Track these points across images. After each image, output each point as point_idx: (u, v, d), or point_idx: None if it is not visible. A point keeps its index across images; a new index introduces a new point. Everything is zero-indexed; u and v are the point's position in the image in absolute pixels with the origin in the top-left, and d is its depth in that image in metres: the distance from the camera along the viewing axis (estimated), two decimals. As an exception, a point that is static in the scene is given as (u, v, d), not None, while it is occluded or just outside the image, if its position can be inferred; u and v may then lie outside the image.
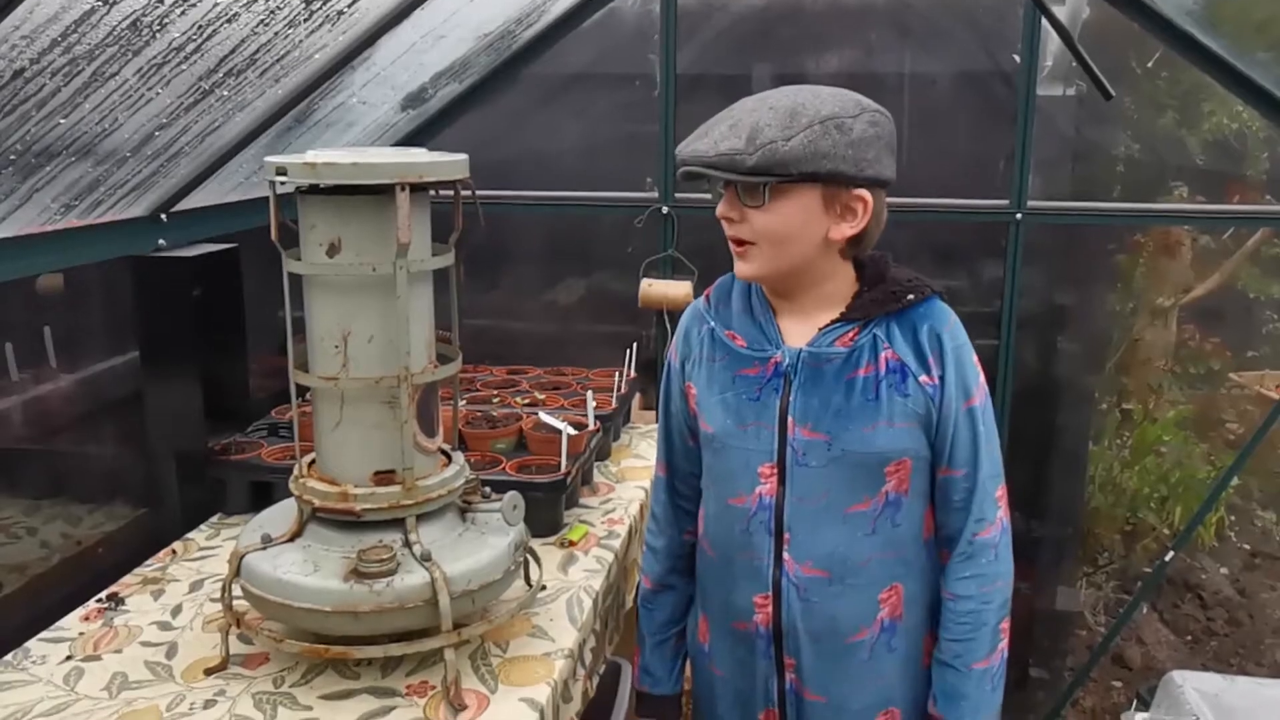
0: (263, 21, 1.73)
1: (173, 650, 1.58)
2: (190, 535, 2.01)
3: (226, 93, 1.89)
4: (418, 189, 1.40)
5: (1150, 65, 3.57)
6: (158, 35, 1.55)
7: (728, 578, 1.59)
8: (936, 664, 1.55)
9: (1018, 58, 2.73)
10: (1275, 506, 4.99)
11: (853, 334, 1.48)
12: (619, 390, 2.54)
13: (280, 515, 1.60)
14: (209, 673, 1.50)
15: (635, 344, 2.75)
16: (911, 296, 1.48)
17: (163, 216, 2.11)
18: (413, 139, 2.99)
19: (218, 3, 1.57)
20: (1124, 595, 4.22)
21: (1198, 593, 4.52)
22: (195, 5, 1.54)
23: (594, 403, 2.29)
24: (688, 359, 1.62)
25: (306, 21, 1.83)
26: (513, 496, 1.55)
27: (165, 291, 2.05)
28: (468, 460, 1.66)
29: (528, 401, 2.47)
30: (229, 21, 1.65)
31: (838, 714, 1.57)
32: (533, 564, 1.68)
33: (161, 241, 2.10)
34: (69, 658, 1.56)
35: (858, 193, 1.42)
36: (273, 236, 1.44)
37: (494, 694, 1.46)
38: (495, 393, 2.54)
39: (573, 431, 2.09)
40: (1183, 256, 4.63)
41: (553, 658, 1.57)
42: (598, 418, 2.29)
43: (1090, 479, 4.13)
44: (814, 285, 1.50)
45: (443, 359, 1.56)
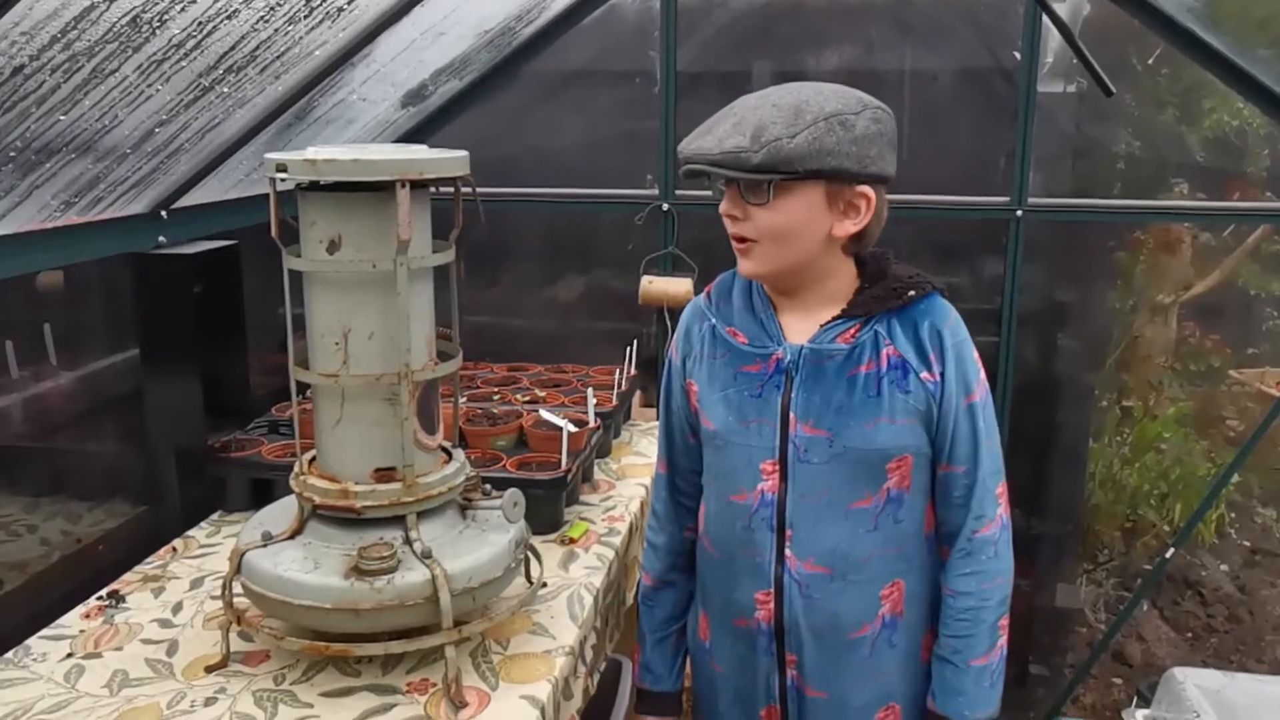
0: (263, 18, 1.72)
1: (173, 648, 1.58)
2: (191, 533, 2.01)
3: (226, 89, 1.89)
4: (418, 186, 1.40)
5: (1151, 62, 3.57)
6: (158, 32, 1.55)
7: (729, 575, 1.59)
8: (935, 660, 1.55)
9: (1018, 54, 2.73)
10: (1275, 503, 5.00)
11: (854, 330, 1.48)
12: (619, 387, 2.54)
13: (281, 512, 1.60)
14: (210, 670, 1.50)
15: (636, 341, 2.74)
16: (913, 293, 1.48)
17: (163, 213, 2.11)
18: (413, 136, 2.99)
19: (218, -1, 1.58)
20: (1124, 592, 4.23)
21: (1198, 590, 4.52)
22: (195, 2, 1.54)
23: (594, 400, 2.29)
24: (689, 356, 1.62)
25: (307, 18, 1.82)
26: (513, 494, 1.55)
27: (165, 289, 2.05)
28: (468, 457, 1.66)
29: (528, 399, 2.47)
30: (229, 18, 1.65)
31: (839, 710, 1.57)
32: (533, 561, 1.68)
33: (161, 239, 2.10)
34: (70, 655, 1.56)
35: (860, 189, 1.42)
36: (273, 233, 1.43)
37: (495, 691, 1.46)
38: (496, 390, 2.54)
39: (573, 429, 2.08)
40: (1183, 253, 4.63)
41: (553, 655, 1.57)
42: (598, 415, 2.28)
43: (1090, 476, 4.14)
44: (816, 282, 1.50)
45: (443, 356, 1.56)
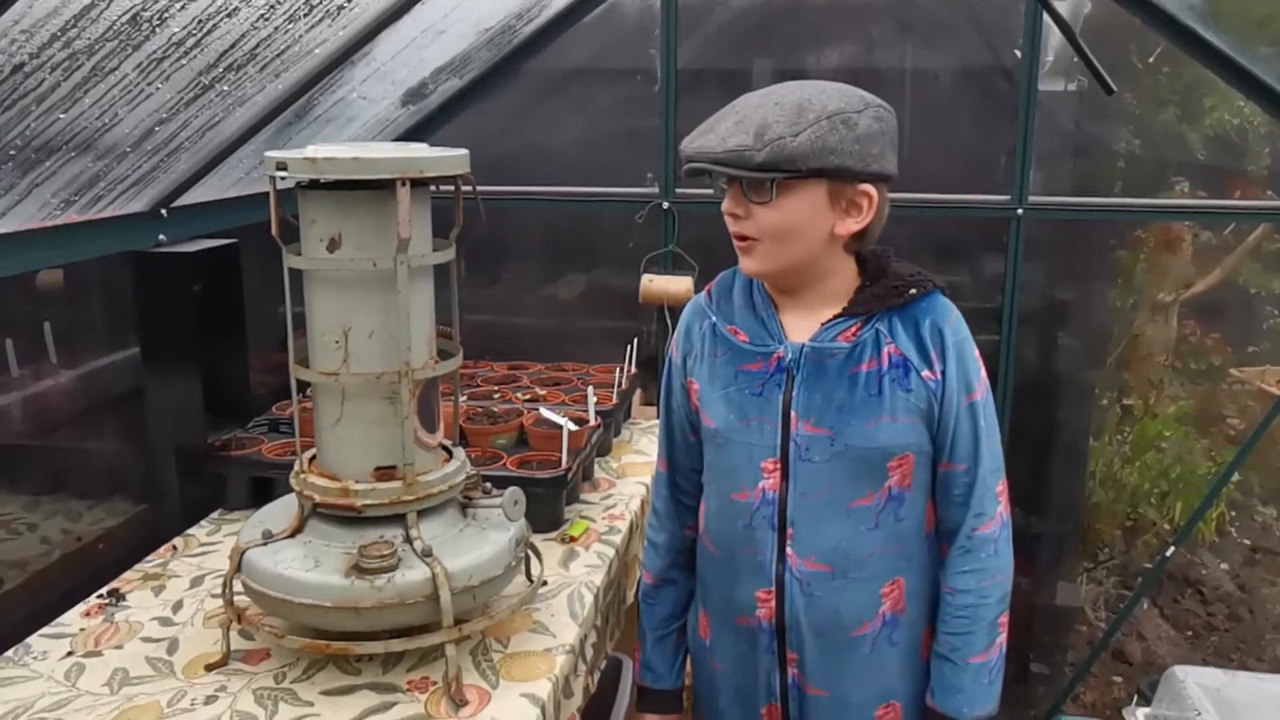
0: (263, 16, 1.72)
1: (174, 646, 1.58)
2: (191, 531, 2.01)
3: (226, 88, 1.88)
4: (418, 184, 1.40)
5: (1152, 60, 3.57)
6: (157, 30, 1.55)
7: (730, 573, 1.58)
8: (934, 657, 1.55)
9: (1019, 53, 2.73)
10: (1276, 502, 5.00)
11: (855, 329, 1.48)
12: (620, 386, 2.54)
13: (281, 511, 1.60)
14: (210, 668, 1.50)
15: (636, 339, 2.74)
16: (914, 291, 1.48)
17: (163, 212, 2.11)
18: (413, 134, 2.99)
19: (217, -3, 1.57)
20: (1124, 591, 4.23)
21: (1198, 588, 4.52)
22: (195, 0, 1.54)
23: (595, 398, 2.29)
24: (689, 354, 1.62)
25: (307, 16, 1.82)
26: (514, 492, 1.54)
27: (165, 287, 2.05)
28: (469, 456, 1.66)
29: (528, 397, 2.46)
30: (229, 16, 1.65)
31: (840, 708, 1.57)
32: (534, 559, 1.68)
33: (162, 237, 2.09)
34: (70, 653, 1.56)
35: (863, 188, 1.42)
36: (273, 232, 1.43)
37: (495, 689, 1.46)
38: (496, 388, 2.54)
39: (574, 427, 2.08)
40: (1183, 252, 4.63)
41: (554, 653, 1.57)
42: (599, 413, 2.28)
43: (1091, 474, 4.14)
44: (817, 281, 1.50)
45: (443, 354, 1.56)
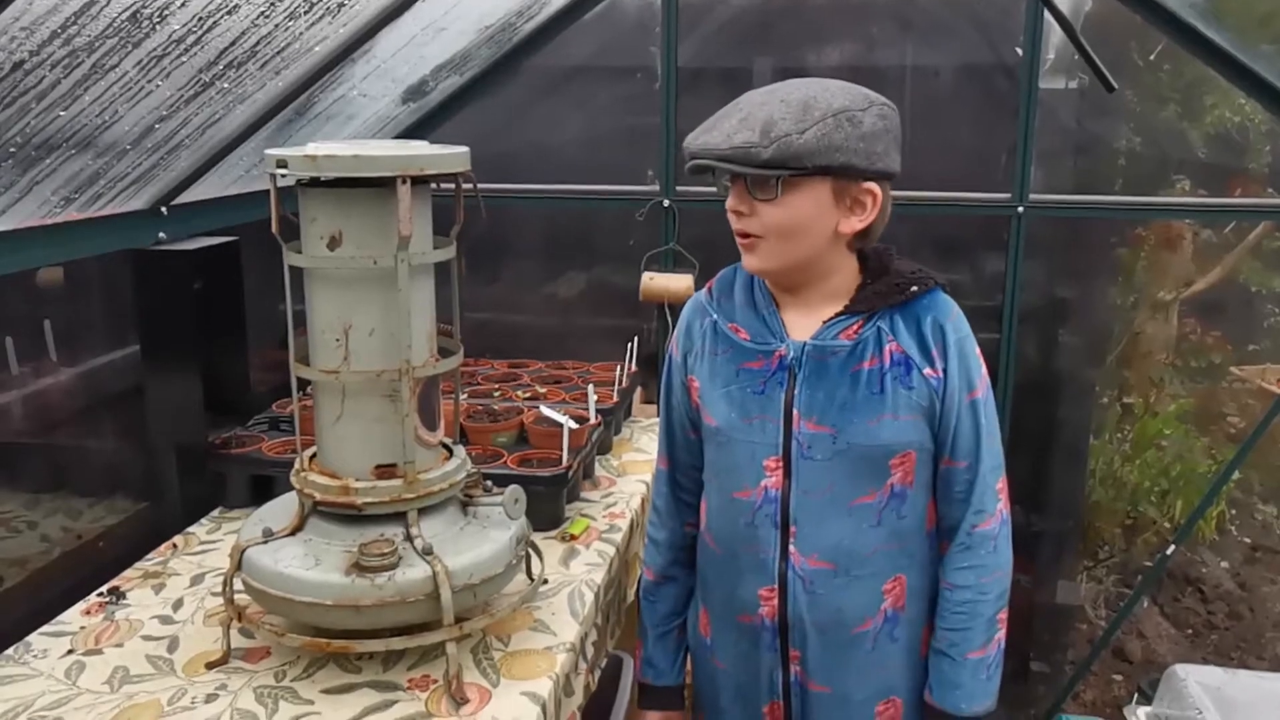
0: (263, 14, 1.72)
1: (174, 644, 1.58)
2: (191, 529, 2.01)
3: (227, 85, 1.88)
4: (419, 182, 1.40)
5: (1153, 58, 3.57)
6: (158, 27, 1.55)
7: (732, 571, 1.58)
8: (933, 653, 1.55)
9: (1020, 50, 2.73)
10: (1276, 500, 5.00)
11: (857, 327, 1.48)
12: (620, 384, 2.54)
13: (281, 509, 1.60)
14: (210, 667, 1.50)
15: (636, 338, 2.74)
16: (915, 288, 1.48)
17: (163, 209, 2.10)
18: (413, 132, 2.98)
19: (217, -6, 1.57)
20: (1125, 589, 4.23)
21: (1198, 586, 4.53)
22: (195, -3, 1.54)
23: (595, 396, 2.29)
24: (690, 352, 1.61)
25: (307, 14, 1.82)
26: (514, 490, 1.54)
27: (165, 285, 2.04)
28: (469, 454, 1.66)
29: (529, 395, 2.46)
30: (229, 13, 1.64)
31: (842, 704, 1.57)
32: (534, 558, 1.68)
33: (162, 235, 2.09)
34: (70, 652, 1.56)
35: (867, 186, 1.42)
36: (273, 229, 1.43)
37: (496, 688, 1.46)
38: (496, 386, 2.54)
39: (574, 425, 2.08)
40: (1184, 250, 4.63)
41: (554, 651, 1.57)
42: (599, 411, 2.28)
43: (1091, 473, 4.14)
44: (820, 278, 1.50)
45: (444, 352, 1.56)
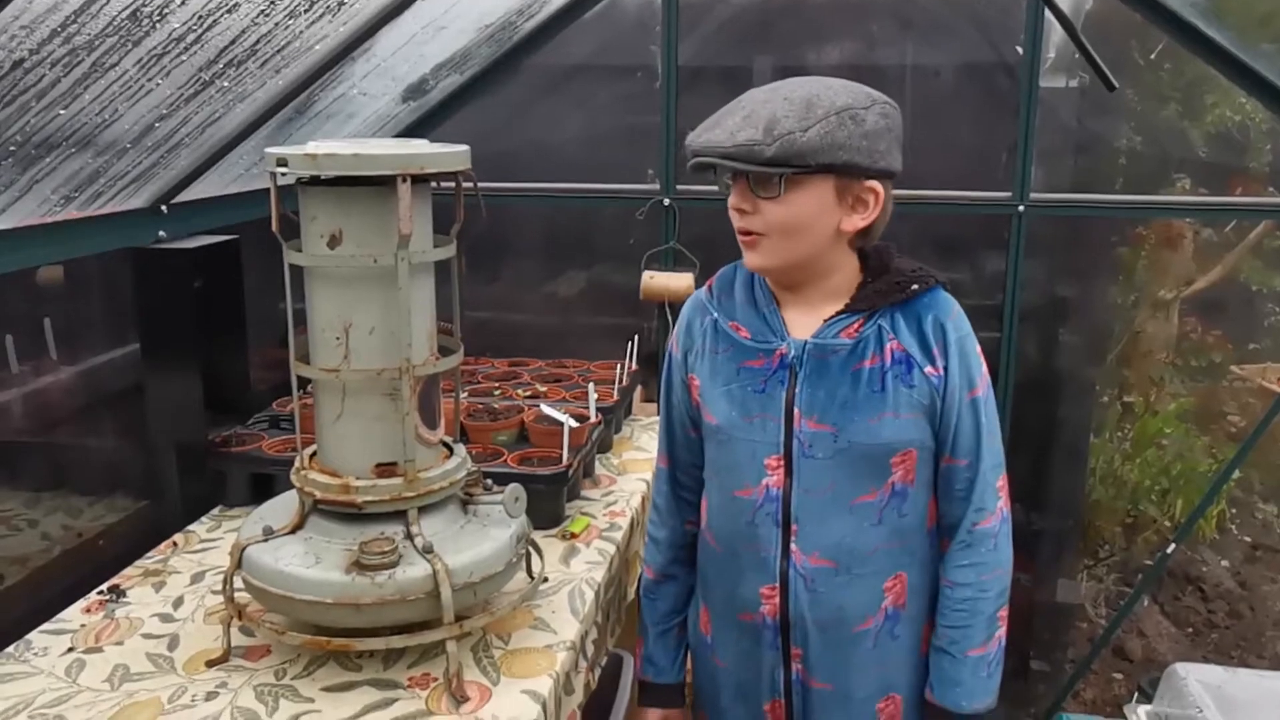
0: (263, 12, 1.72)
1: (174, 642, 1.58)
2: (191, 527, 2.01)
3: (227, 84, 1.88)
4: (419, 180, 1.40)
5: (1153, 57, 3.56)
6: (158, 26, 1.54)
7: (733, 570, 1.58)
8: (933, 650, 1.55)
9: (1020, 49, 2.72)
10: (1276, 499, 5.00)
11: (858, 325, 1.48)
12: (620, 383, 2.54)
13: (282, 507, 1.60)
14: (211, 665, 1.50)
15: (637, 336, 2.74)
16: (916, 287, 1.48)
17: (163, 208, 2.10)
18: (413, 130, 2.98)
19: (218, -7, 1.57)
20: (1125, 588, 4.23)
21: (1199, 585, 4.53)
22: (195, -5, 1.53)
23: (596, 395, 2.29)
24: (690, 350, 1.61)
25: (307, 12, 1.82)
26: (514, 489, 1.54)
27: (166, 283, 2.04)
28: (469, 452, 1.66)
29: (529, 394, 2.46)
30: (229, 12, 1.64)
31: (844, 702, 1.57)
32: (534, 556, 1.68)
33: (162, 233, 2.09)
34: (70, 649, 1.56)
35: (870, 184, 1.42)
36: (274, 228, 1.43)
37: (496, 686, 1.46)
38: (497, 385, 2.54)
39: (574, 424, 2.08)
40: (1184, 249, 4.63)
41: (554, 650, 1.57)
42: (599, 410, 2.28)
43: (1091, 471, 4.14)
44: (821, 277, 1.50)
45: (444, 351, 1.56)
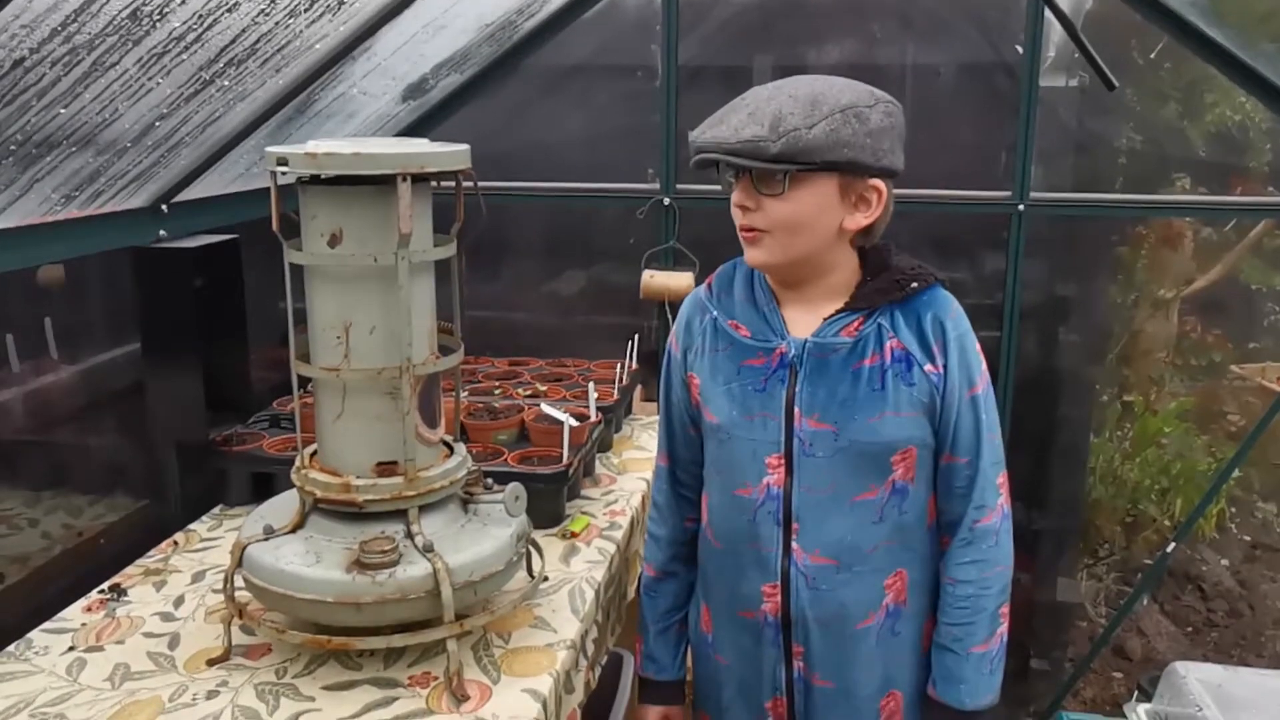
0: (263, 11, 1.72)
1: (175, 641, 1.58)
2: (192, 526, 2.02)
3: (227, 83, 1.88)
4: (419, 180, 1.40)
5: (1153, 56, 3.56)
6: (158, 25, 1.54)
7: (734, 568, 1.59)
8: (936, 647, 1.55)
9: (1020, 49, 2.72)
10: (1276, 498, 5.00)
11: (857, 323, 1.48)
12: (620, 382, 2.54)
13: (282, 506, 1.60)
14: (211, 663, 1.51)
15: (637, 335, 2.74)
16: (915, 285, 1.49)
17: (164, 207, 2.10)
18: (414, 130, 2.98)
19: (218, -8, 1.57)
20: (1125, 587, 4.23)
21: (1198, 584, 4.53)
22: (195, -6, 1.53)
23: (596, 394, 2.29)
24: (690, 349, 1.61)
25: (307, 11, 1.82)
26: (515, 488, 1.54)
27: (166, 282, 2.04)
28: (470, 451, 1.66)
29: (529, 393, 2.46)
30: (229, 11, 1.64)
31: (845, 699, 1.57)
32: (535, 555, 1.68)
33: (162, 232, 2.09)
34: (71, 648, 1.56)
35: (873, 183, 1.42)
36: (274, 227, 1.43)
37: (496, 685, 1.47)
38: (497, 384, 2.54)
39: (574, 423, 2.08)
40: (1184, 248, 4.63)
41: (555, 649, 1.57)
42: (599, 409, 2.28)
43: (1091, 470, 4.14)
44: (821, 275, 1.50)
45: (444, 350, 1.56)
